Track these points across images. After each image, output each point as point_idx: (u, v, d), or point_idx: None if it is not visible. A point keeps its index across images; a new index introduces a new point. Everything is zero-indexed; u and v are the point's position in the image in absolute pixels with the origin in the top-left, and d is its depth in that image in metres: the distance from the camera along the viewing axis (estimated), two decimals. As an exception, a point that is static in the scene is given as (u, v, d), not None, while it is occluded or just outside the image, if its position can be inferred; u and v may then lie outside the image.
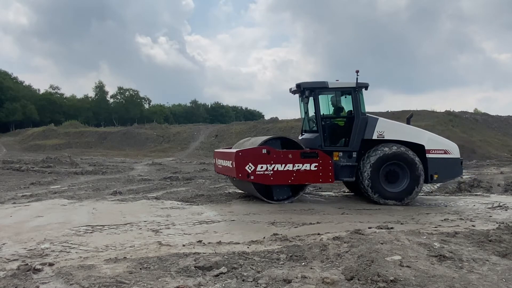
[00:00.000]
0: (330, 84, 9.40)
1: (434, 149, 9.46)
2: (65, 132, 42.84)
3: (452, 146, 9.80)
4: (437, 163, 9.38)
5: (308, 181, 9.10)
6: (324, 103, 9.78)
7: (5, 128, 55.38)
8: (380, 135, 9.29)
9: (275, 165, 8.71)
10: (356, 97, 9.32)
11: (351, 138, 9.31)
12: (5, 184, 12.03)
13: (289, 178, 8.81)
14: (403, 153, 9.08)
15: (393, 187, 9.17)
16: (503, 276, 3.82)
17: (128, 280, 3.72)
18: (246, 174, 8.57)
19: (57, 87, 76.93)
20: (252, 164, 8.58)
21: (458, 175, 10.33)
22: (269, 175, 8.68)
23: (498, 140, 34.14)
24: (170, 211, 7.94)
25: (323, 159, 8.96)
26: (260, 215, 7.44)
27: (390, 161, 9.08)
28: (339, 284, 3.65)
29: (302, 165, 8.86)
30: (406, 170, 9.11)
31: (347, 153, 9.35)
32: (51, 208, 8.10)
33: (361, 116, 9.32)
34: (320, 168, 8.91)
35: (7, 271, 4.00)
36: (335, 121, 9.79)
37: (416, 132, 9.75)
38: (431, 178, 9.39)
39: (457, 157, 9.72)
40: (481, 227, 6.03)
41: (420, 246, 4.63)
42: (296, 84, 9.67)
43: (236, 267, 4.07)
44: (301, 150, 9.09)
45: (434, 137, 9.91)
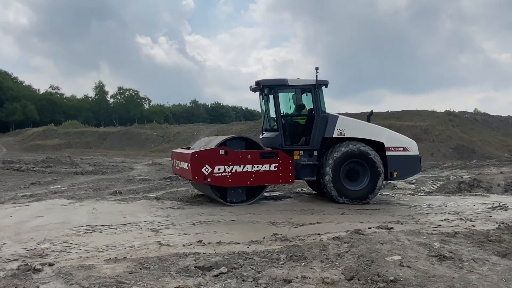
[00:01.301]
0: (290, 81, 9.30)
1: (394, 146, 9.46)
2: (65, 132, 42.85)
3: (411, 143, 9.82)
4: (396, 160, 9.39)
5: (268, 182, 8.91)
6: (284, 101, 9.67)
7: (5, 128, 55.43)
8: (341, 133, 9.22)
9: (233, 166, 8.44)
10: (316, 94, 9.22)
11: (312, 137, 9.19)
12: (5, 184, 12.03)
13: (248, 180, 8.56)
14: (363, 151, 9.04)
15: (354, 186, 9.13)
16: (503, 276, 3.82)
17: (128, 280, 3.72)
18: (203, 177, 8.28)
19: (57, 87, 77.06)
20: (209, 166, 8.28)
21: (417, 172, 10.32)
22: (227, 177, 8.40)
23: (498, 140, 34.13)
24: (170, 211, 7.94)
25: (283, 159, 8.78)
26: (260, 215, 7.44)
27: (350, 159, 9.03)
28: (339, 284, 3.65)
29: (262, 165, 8.63)
30: (367, 168, 9.10)
31: (308, 152, 9.23)
32: (51, 208, 8.10)
33: (322, 114, 9.21)
34: (280, 168, 8.71)
35: (7, 271, 4.00)
36: (295, 119, 9.65)
37: (376, 129, 9.71)
38: (391, 175, 9.39)
39: (416, 154, 9.75)
40: (481, 227, 6.03)
41: (420, 246, 4.63)
42: (256, 81, 9.53)
43: (236, 267, 4.07)
44: (261, 150, 8.87)
45: (393, 135, 9.92)
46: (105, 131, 42.50)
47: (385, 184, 11.32)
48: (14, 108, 59.55)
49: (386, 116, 37.99)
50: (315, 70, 9.25)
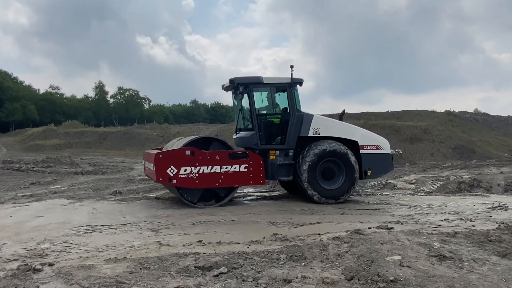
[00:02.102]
0: (265, 79, 9.18)
1: (367, 145, 9.50)
2: (65, 132, 42.85)
3: (384, 142, 9.85)
4: (370, 159, 9.42)
5: (238, 184, 8.69)
6: (258, 100, 9.56)
7: (5, 128, 55.44)
8: (316, 132, 9.17)
9: (200, 167, 8.22)
10: (291, 93, 9.13)
11: (287, 136, 9.09)
12: (5, 184, 12.03)
13: (216, 181, 8.35)
14: (339, 150, 9.02)
15: (330, 185, 9.09)
16: (503, 276, 3.82)
17: (128, 280, 3.72)
18: (168, 178, 8.04)
19: (57, 87, 77.14)
20: (174, 167, 8.06)
21: (389, 170, 10.33)
22: (193, 178, 8.17)
23: (498, 140, 34.15)
24: (170, 211, 7.94)
25: (254, 159, 8.61)
26: (260, 215, 7.44)
27: (326, 158, 8.99)
28: (339, 284, 3.65)
29: (231, 166, 8.43)
30: (342, 167, 9.08)
31: (283, 151, 9.11)
32: (51, 208, 8.10)
33: (297, 113, 9.12)
34: (250, 169, 8.54)
35: (7, 271, 4.00)
36: (270, 118, 9.52)
37: (350, 128, 9.73)
38: (365, 174, 9.41)
39: (388, 152, 9.78)
40: (481, 227, 6.03)
41: (420, 246, 4.62)
42: (230, 79, 9.30)
43: (236, 267, 4.07)
44: (230, 150, 8.72)
45: (366, 133, 9.93)
46: (105, 131, 42.50)
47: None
48: (14, 108, 59.57)
49: (386, 116, 38.00)
50: (290, 68, 9.10)
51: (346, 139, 9.34)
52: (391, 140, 34.92)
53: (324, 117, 9.92)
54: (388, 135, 32.58)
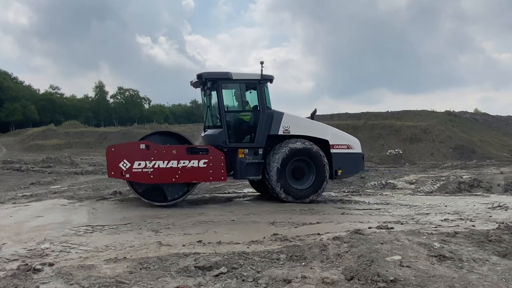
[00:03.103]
0: (234, 75, 8.98)
1: (338, 144, 9.40)
2: (65, 132, 42.88)
3: (354, 141, 9.76)
4: (341, 158, 9.34)
5: (197, 180, 8.40)
6: (228, 97, 9.39)
7: (5, 128, 55.48)
8: (286, 131, 9.02)
9: (156, 161, 7.94)
10: (261, 90, 8.96)
11: (257, 134, 8.90)
12: (5, 184, 12.03)
13: (173, 176, 8.06)
14: (309, 149, 8.93)
15: (300, 184, 8.99)
16: (503, 276, 3.82)
17: (128, 280, 3.72)
18: (120, 172, 7.80)
19: (57, 87, 77.27)
20: (127, 161, 7.79)
21: (361, 170, 10.28)
22: (148, 173, 7.90)
23: (498, 140, 34.16)
24: (170, 211, 7.93)
25: (214, 155, 8.33)
26: (260, 215, 7.44)
27: (296, 157, 8.88)
28: (339, 284, 3.65)
29: (189, 161, 8.14)
30: (312, 166, 9.00)
31: (253, 149, 8.92)
32: (51, 208, 8.10)
33: (267, 111, 8.96)
34: (210, 165, 8.24)
35: (7, 271, 4.00)
36: (240, 115, 9.33)
37: (321, 127, 9.61)
38: (336, 173, 9.32)
39: (359, 152, 9.70)
40: (481, 227, 6.03)
41: (420, 246, 4.62)
42: (197, 74, 9.08)
43: (236, 267, 4.07)
44: (188, 145, 8.44)
45: (337, 133, 9.83)
46: (105, 131, 42.54)
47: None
48: (14, 108, 59.62)
49: (386, 116, 38.02)
50: (260, 64, 8.93)
51: (317, 138, 9.23)
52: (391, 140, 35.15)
53: (295, 115, 9.77)
54: (388, 135, 32.72)
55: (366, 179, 14.04)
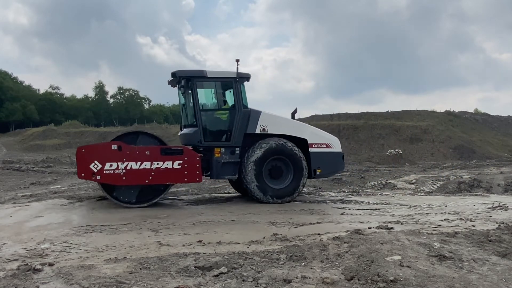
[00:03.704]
0: (209, 73, 8.86)
1: (317, 143, 9.30)
2: (65, 132, 42.88)
3: (334, 140, 9.66)
4: (319, 157, 9.24)
5: (171, 181, 8.28)
6: (206, 96, 9.32)
7: (5, 128, 55.48)
8: (263, 129, 8.89)
9: (128, 163, 7.80)
10: (237, 88, 8.82)
11: (233, 133, 8.76)
12: (5, 184, 12.03)
13: (146, 178, 7.93)
14: (287, 148, 8.81)
15: (277, 184, 8.86)
16: (503, 276, 3.82)
17: (128, 280, 3.72)
18: (91, 174, 7.67)
19: (57, 87, 77.26)
20: (98, 162, 7.67)
21: (340, 169, 10.15)
22: (120, 175, 7.77)
23: (498, 140, 34.18)
24: (170, 211, 7.94)
25: (189, 156, 8.20)
26: (260, 215, 7.44)
27: (273, 156, 8.76)
28: (339, 284, 3.65)
29: (163, 163, 8.01)
30: (290, 165, 8.88)
31: (229, 149, 8.80)
32: (51, 208, 8.10)
33: (243, 109, 8.81)
34: (185, 166, 8.11)
35: (7, 271, 4.00)
36: (216, 114, 9.19)
37: (299, 126, 9.51)
38: (314, 172, 9.23)
39: (339, 151, 9.59)
40: (481, 227, 6.03)
41: (420, 246, 4.62)
42: (172, 72, 8.95)
43: (236, 267, 4.07)
44: (162, 146, 8.32)
45: (316, 131, 9.71)
46: (105, 131, 42.53)
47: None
48: (14, 108, 59.62)
49: (386, 116, 38.01)
50: (236, 62, 8.80)
51: (295, 136, 9.13)
52: (391, 140, 35.14)
53: (272, 114, 9.66)
54: (388, 135, 32.72)
55: (366, 179, 14.04)
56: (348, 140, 33.20)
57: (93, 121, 65.39)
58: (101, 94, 77.72)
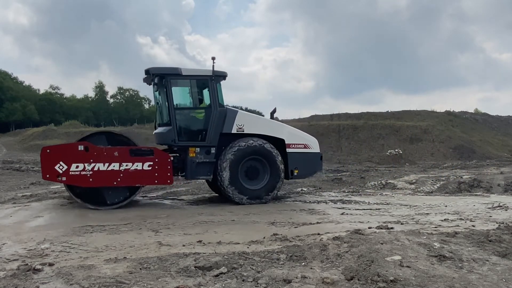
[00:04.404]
0: (184, 70, 8.67)
1: (294, 143, 9.19)
2: (65, 132, 42.85)
3: (312, 141, 9.56)
4: (297, 157, 9.13)
5: (141, 183, 8.13)
6: (183, 95, 9.17)
7: (5, 128, 55.47)
8: (240, 129, 8.73)
9: (95, 164, 7.65)
10: (213, 86, 8.65)
11: (208, 132, 8.59)
12: (5, 184, 12.04)
13: (114, 180, 7.77)
14: (263, 148, 8.69)
15: (253, 184, 8.75)
16: (503, 276, 3.82)
17: (128, 280, 3.72)
18: (56, 175, 7.52)
19: (57, 87, 77.27)
20: (64, 163, 7.50)
21: (318, 170, 10.03)
22: (87, 176, 7.62)
23: (498, 140, 34.19)
24: (170, 211, 7.94)
25: (160, 157, 8.06)
26: (260, 215, 7.44)
27: (249, 157, 8.64)
28: (339, 284, 3.65)
29: (132, 164, 7.84)
30: (266, 166, 8.77)
31: (204, 148, 8.63)
32: (51, 208, 8.10)
33: (219, 108, 8.64)
34: (155, 167, 7.96)
35: (7, 271, 4.00)
36: (191, 113, 9.04)
37: (276, 126, 9.35)
38: (291, 173, 9.12)
39: (317, 151, 9.51)
40: (481, 227, 6.02)
41: (420, 246, 4.62)
42: (145, 69, 8.80)
43: (236, 267, 4.06)
44: (131, 146, 8.14)
45: (294, 131, 9.59)
46: (105, 131, 42.48)
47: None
48: (14, 108, 59.61)
49: (386, 116, 38.03)
50: (212, 60, 8.66)
51: (273, 136, 9.01)
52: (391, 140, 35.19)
53: (249, 113, 9.50)
54: (388, 135, 32.74)
55: (366, 179, 14.04)
56: (348, 140, 33.22)
57: (93, 121, 65.38)
58: (101, 94, 77.74)
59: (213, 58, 8.63)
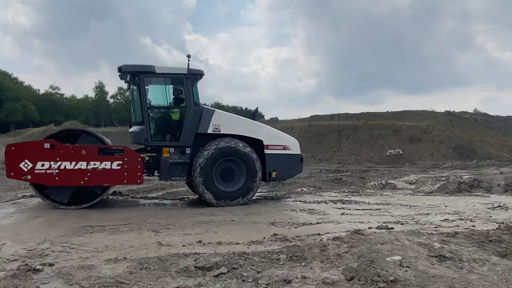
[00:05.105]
0: (157, 68, 8.47)
1: (273, 144, 9.00)
2: (65, 132, 42.84)
3: (292, 142, 9.40)
4: (275, 159, 8.94)
5: (109, 183, 7.95)
6: (156, 93, 9.00)
7: (5, 128, 55.50)
8: (216, 129, 8.56)
9: (62, 162, 7.50)
10: (188, 85, 8.46)
11: (183, 132, 8.41)
12: (5, 184, 12.04)
13: (81, 179, 7.61)
14: (238, 149, 8.50)
15: (229, 186, 8.58)
16: (503, 276, 3.82)
17: (128, 280, 3.72)
18: (21, 173, 7.42)
19: (57, 87, 77.31)
20: (29, 161, 7.39)
21: (298, 172, 9.86)
22: (53, 175, 7.48)
23: (498, 140, 34.20)
24: (170, 211, 7.94)
25: (130, 156, 7.89)
26: (260, 215, 7.44)
27: (225, 158, 8.47)
28: (339, 284, 3.65)
29: (100, 163, 7.66)
30: (243, 167, 8.58)
31: (179, 149, 8.45)
32: (51, 208, 8.10)
33: (194, 107, 8.46)
34: (125, 167, 7.78)
35: (7, 271, 4.00)
36: (165, 112, 8.86)
37: (255, 126, 9.15)
38: (269, 175, 8.96)
39: (297, 153, 9.34)
40: (481, 227, 6.02)
41: (420, 246, 4.62)
42: (118, 67, 8.55)
43: (236, 267, 4.07)
44: (100, 145, 7.98)
45: (273, 132, 9.43)
46: (105, 131, 42.47)
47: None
48: (14, 108, 59.65)
49: (386, 116, 38.04)
50: (187, 58, 8.52)
51: (250, 137, 8.83)
52: (391, 140, 35.18)
53: (226, 113, 9.40)
54: (388, 135, 32.76)
55: (366, 179, 14.05)
56: (348, 140, 33.23)
57: (93, 121, 65.39)
58: (101, 94, 77.79)
59: (188, 56, 8.52)
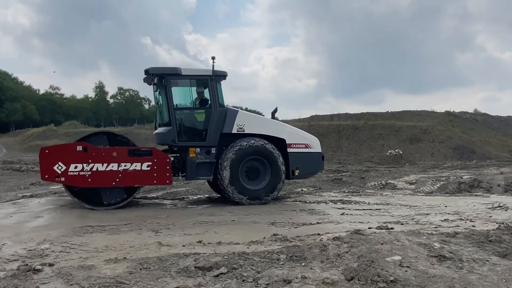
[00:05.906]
0: (183, 70, 8.65)
1: (295, 143, 9.17)
2: (65, 132, 42.90)
3: (313, 141, 9.54)
4: (298, 157, 9.10)
5: (139, 183, 8.13)
6: (182, 94, 9.17)
7: (5, 128, 55.53)
8: (240, 129, 8.71)
9: (94, 164, 7.69)
10: (213, 86, 8.65)
11: (209, 132, 8.59)
12: (5, 184, 12.04)
13: (113, 180, 7.81)
14: (263, 148, 8.66)
15: (254, 184, 8.73)
16: (503, 277, 3.82)
17: (128, 281, 3.72)
18: (55, 176, 7.58)
19: (57, 87, 77.36)
20: (62, 164, 7.57)
21: (319, 170, 10.04)
22: (86, 176, 7.67)
23: (498, 140, 34.21)
24: (170, 211, 7.94)
25: (159, 157, 8.07)
26: (260, 215, 7.44)
27: (250, 157, 8.61)
28: (339, 284, 3.65)
29: (131, 164, 7.86)
30: (267, 166, 8.74)
31: (205, 149, 8.63)
32: (51, 208, 8.10)
33: (219, 108, 8.63)
34: (154, 168, 7.98)
35: (7, 271, 4.00)
36: (191, 113, 9.00)
37: (277, 125, 9.30)
38: (293, 173, 9.10)
39: (319, 151, 9.48)
40: (481, 227, 6.02)
41: (420, 246, 4.62)
42: (145, 69, 8.80)
43: (236, 267, 4.07)
44: (130, 147, 8.14)
45: (295, 131, 9.56)
46: (105, 131, 42.53)
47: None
48: (14, 108, 59.66)
49: (386, 116, 38.05)
50: (212, 60, 8.65)
51: (273, 136, 8.99)
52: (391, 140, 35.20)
53: (250, 113, 9.45)
54: (388, 135, 32.76)
55: (366, 179, 14.05)
56: (348, 140, 33.23)
57: (93, 121, 65.43)
58: (101, 94, 77.76)
59: (213, 57, 8.64)
